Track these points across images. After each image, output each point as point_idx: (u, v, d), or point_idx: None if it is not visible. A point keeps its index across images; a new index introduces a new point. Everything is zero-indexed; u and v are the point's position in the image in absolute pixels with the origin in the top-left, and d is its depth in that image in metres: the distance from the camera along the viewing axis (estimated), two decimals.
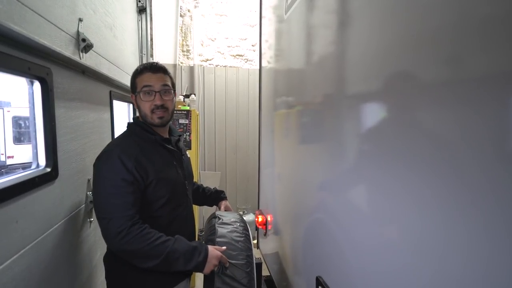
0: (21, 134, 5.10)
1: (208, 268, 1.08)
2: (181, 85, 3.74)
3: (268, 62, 2.06)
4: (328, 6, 1.03)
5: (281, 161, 1.73)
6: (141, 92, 1.11)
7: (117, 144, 1.11)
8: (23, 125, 5.13)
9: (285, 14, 1.53)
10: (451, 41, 0.49)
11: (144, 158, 1.07)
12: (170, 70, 4.11)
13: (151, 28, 2.73)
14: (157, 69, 1.15)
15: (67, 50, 1.11)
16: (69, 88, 1.13)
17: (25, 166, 4.99)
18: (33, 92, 0.93)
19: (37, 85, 0.93)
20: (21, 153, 4.97)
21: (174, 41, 3.76)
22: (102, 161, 1.06)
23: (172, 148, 1.20)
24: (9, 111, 5.02)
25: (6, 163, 4.89)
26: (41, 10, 0.92)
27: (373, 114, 0.75)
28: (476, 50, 0.45)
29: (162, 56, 3.70)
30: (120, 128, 1.80)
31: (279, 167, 1.78)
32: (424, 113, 0.57)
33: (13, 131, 5.02)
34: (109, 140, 1.59)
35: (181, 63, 3.83)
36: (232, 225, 1.51)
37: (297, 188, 1.39)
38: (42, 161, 0.97)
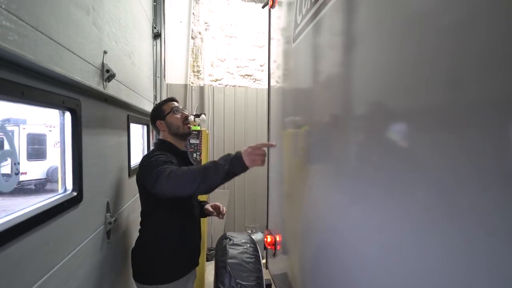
0: (35, 150, 5.25)
1: (249, 161, 1.15)
2: (192, 105, 3.85)
3: (277, 82, 2.13)
4: (333, 36, 1.10)
5: (289, 180, 1.78)
6: (172, 111, 1.51)
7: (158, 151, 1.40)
8: (37, 142, 5.28)
9: (293, 43, 1.61)
10: (456, 66, 0.53)
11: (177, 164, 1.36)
12: (181, 90, 4.21)
13: (164, 51, 2.86)
14: (176, 100, 1.61)
15: (93, 81, 1.20)
16: (94, 116, 1.22)
17: (37, 182, 5.12)
18: (64, 122, 1.01)
19: (67, 115, 1.01)
20: (34, 170, 5.10)
21: (185, 62, 3.90)
22: (152, 153, 1.36)
23: (191, 161, 1.57)
24: (24, 128, 5.20)
25: (19, 179, 5.02)
26: (74, 48, 1.01)
27: (381, 135, 0.77)
28: (474, 77, 0.49)
29: (174, 77, 3.84)
30: (135, 149, 1.87)
31: (287, 186, 1.82)
32: (431, 136, 0.59)
33: (27, 148, 5.18)
34: (126, 162, 1.67)
35: (192, 83, 3.95)
36: (243, 246, 1.55)
37: (305, 207, 1.43)
38: (69, 185, 1.03)
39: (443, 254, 0.56)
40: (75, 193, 1.02)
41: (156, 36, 2.55)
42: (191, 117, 3.43)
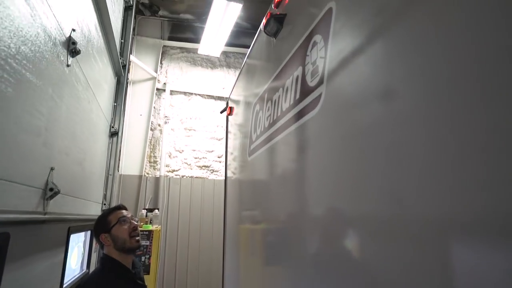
0: None
1: None
2: (145, 197, 3.68)
3: (233, 173, 2.14)
4: (286, 158, 1.18)
5: (245, 280, 1.65)
6: (118, 222, 1.41)
7: (96, 282, 1.33)
8: None
9: (249, 157, 1.71)
10: (393, 184, 0.59)
11: None
12: (135, 181, 4.02)
13: (120, 147, 2.83)
14: (125, 207, 1.52)
15: (32, 204, 1.10)
16: (25, 243, 1.08)
17: None
18: None
19: None
20: None
21: (142, 153, 3.87)
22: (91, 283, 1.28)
23: (141, 283, 1.46)
24: None
25: None
26: (15, 176, 0.95)
27: (335, 242, 0.80)
28: (411, 196, 0.54)
29: (129, 167, 3.73)
30: (74, 261, 1.66)
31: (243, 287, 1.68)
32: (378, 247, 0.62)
33: None
34: (57, 286, 1.45)
35: (147, 173, 3.86)
36: None
37: None
38: None
39: None
40: None
41: (113, 134, 2.55)
42: (143, 212, 3.23)
